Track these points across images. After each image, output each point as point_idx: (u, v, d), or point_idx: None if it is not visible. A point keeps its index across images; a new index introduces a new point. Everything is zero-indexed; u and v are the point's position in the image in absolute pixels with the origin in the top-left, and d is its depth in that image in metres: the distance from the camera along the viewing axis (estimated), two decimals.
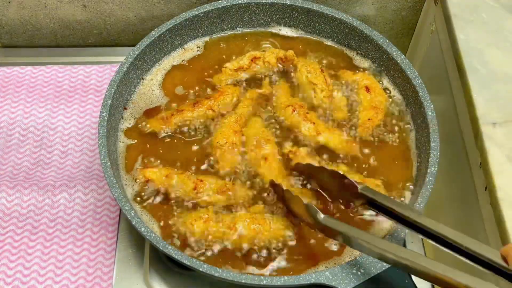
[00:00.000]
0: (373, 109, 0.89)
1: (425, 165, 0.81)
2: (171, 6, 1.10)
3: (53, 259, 0.86)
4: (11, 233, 0.88)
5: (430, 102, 0.85)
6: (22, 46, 1.18)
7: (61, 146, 0.98)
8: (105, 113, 0.84)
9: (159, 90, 0.93)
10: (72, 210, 0.90)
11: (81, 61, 1.10)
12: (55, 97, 1.03)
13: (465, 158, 0.89)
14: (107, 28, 1.15)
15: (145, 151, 0.86)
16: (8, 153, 0.97)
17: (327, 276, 0.72)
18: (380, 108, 0.89)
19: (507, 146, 0.81)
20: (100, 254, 0.87)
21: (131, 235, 0.89)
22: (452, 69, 0.94)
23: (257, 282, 0.71)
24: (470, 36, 0.93)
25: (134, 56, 0.90)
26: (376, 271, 0.72)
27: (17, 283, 0.84)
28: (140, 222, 0.75)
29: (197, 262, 0.72)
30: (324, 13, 0.95)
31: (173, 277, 0.84)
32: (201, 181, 0.81)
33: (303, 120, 0.87)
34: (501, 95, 0.86)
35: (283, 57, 0.93)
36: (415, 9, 1.13)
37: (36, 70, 1.07)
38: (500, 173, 0.78)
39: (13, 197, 0.91)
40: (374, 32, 0.93)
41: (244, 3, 0.96)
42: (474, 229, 0.85)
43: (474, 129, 0.85)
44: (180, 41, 0.97)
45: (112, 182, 0.77)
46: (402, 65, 0.90)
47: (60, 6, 1.09)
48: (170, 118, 0.88)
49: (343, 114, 0.90)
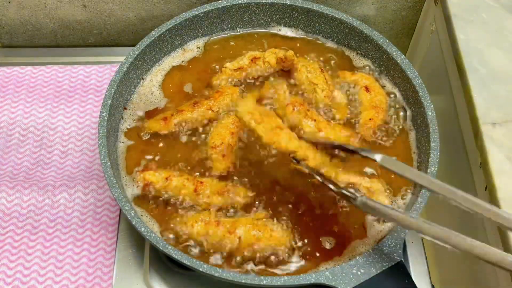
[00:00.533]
0: (374, 109, 0.89)
1: (425, 165, 0.81)
2: (171, 6, 1.10)
3: (53, 259, 0.86)
4: (11, 233, 0.88)
5: (430, 102, 0.85)
6: (22, 46, 1.18)
7: (61, 146, 0.98)
8: (105, 113, 0.84)
9: (159, 90, 0.93)
10: (72, 210, 0.90)
11: (81, 61, 1.10)
12: (55, 97, 1.03)
13: (465, 158, 0.89)
14: (107, 28, 1.15)
15: (145, 151, 0.86)
16: (8, 153, 0.97)
17: (327, 276, 0.72)
18: (381, 107, 0.89)
19: (507, 146, 0.81)
20: (100, 254, 0.87)
21: (131, 235, 0.89)
22: (452, 69, 0.94)
23: (257, 282, 0.71)
24: (470, 36, 0.93)
25: (134, 56, 0.90)
26: (376, 271, 0.72)
27: (17, 283, 0.84)
28: (140, 222, 0.75)
29: (197, 262, 0.72)
30: (324, 13, 0.95)
31: (173, 277, 0.84)
32: (201, 183, 0.81)
33: (304, 117, 0.87)
34: (501, 95, 0.86)
35: (283, 57, 0.93)
36: (415, 9, 1.13)
37: (36, 70, 1.07)
38: (500, 173, 0.78)
39: (13, 197, 0.91)
40: (374, 32, 0.93)
41: (244, 3, 0.96)
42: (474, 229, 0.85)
43: (474, 129, 0.85)
44: (180, 41, 0.97)
45: (112, 182, 0.77)
46: (402, 65, 0.90)
47: (60, 6, 1.09)
48: (170, 118, 0.88)
49: (344, 113, 0.90)
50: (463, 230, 0.66)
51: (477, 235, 0.83)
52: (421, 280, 0.85)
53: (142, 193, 0.82)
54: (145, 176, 0.82)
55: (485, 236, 0.81)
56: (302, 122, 0.87)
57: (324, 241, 0.79)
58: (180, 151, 0.86)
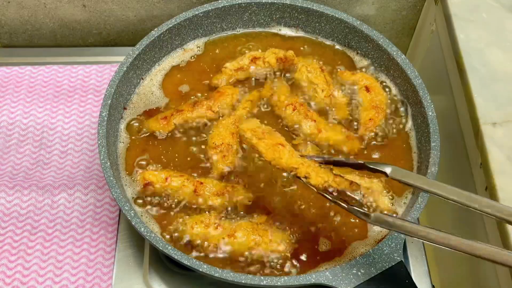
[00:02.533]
0: (374, 109, 0.89)
1: (425, 165, 0.81)
2: (171, 6, 1.10)
3: (52, 259, 0.86)
4: (11, 233, 0.88)
5: (430, 102, 0.85)
6: (21, 46, 1.18)
7: (60, 146, 0.98)
8: (104, 113, 0.83)
9: (159, 90, 0.93)
10: (71, 210, 0.90)
11: (80, 61, 1.09)
12: (55, 97, 1.03)
13: (465, 158, 0.89)
14: (107, 28, 1.15)
15: (145, 151, 0.86)
16: (7, 153, 0.97)
17: (327, 276, 0.72)
18: (381, 107, 0.89)
19: (507, 146, 0.81)
20: (100, 254, 0.86)
21: (131, 235, 0.88)
22: (452, 69, 0.94)
23: (257, 282, 0.71)
24: (470, 36, 0.93)
25: (134, 56, 0.90)
26: (376, 271, 0.72)
27: (17, 283, 0.84)
28: (140, 222, 0.75)
29: (197, 262, 0.72)
30: (324, 13, 0.95)
31: (173, 277, 0.84)
32: (201, 184, 0.81)
33: (304, 118, 0.87)
34: (501, 95, 0.86)
35: (283, 57, 0.93)
36: (415, 9, 1.13)
37: (36, 70, 1.06)
38: (500, 173, 0.78)
39: (12, 197, 0.91)
40: (374, 32, 0.93)
41: (244, 3, 0.96)
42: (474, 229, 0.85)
43: (474, 129, 0.85)
44: (180, 41, 0.97)
45: (112, 182, 0.77)
46: (402, 65, 0.90)
47: (60, 6, 1.09)
48: (169, 119, 0.87)
49: (345, 113, 0.90)
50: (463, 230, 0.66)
51: (477, 235, 0.83)
52: (421, 280, 0.85)
53: (142, 193, 0.82)
54: (145, 175, 0.82)
55: (485, 236, 0.81)
56: (302, 123, 0.87)
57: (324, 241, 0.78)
58: (180, 151, 0.86)
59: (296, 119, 0.87)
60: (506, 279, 0.76)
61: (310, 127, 0.86)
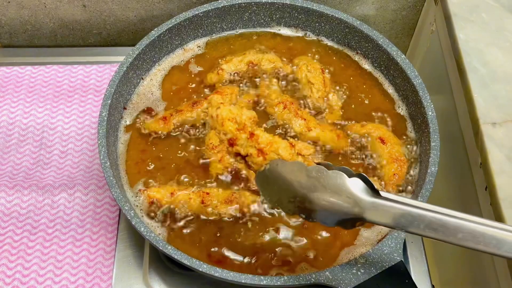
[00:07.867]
0: (396, 162, 0.84)
1: (425, 165, 0.81)
2: (171, 6, 1.10)
3: (52, 259, 0.86)
4: (11, 233, 0.88)
5: (430, 102, 0.85)
6: (21, 46, 1.18)
7: (60, 146, 0.98)
8: (104, 113, 0.84)
9: (159, 90, 0.93)
10: (71, 210, 0.90)
11: (80, 61, 1.09)
12: (55, 97, 1.03)
13: (465, 158, 0.89)
14: (107, 28, 1.15)
15: (145, 151, 0.86)
16: (7, 153, 0.97)
17: (327, 276, 0.72)
18: (401, 159, 0.85)
19: (507, 146, 0.81)
20: (100, 254, 0.86)
21: (131, 235, 0.89)
22: (452, 69, 0.94)
23: (257, 282, 0.71)
24: (470, 36, 0.93)
25: (134, 56, 0.90)
26: (376, 271, 0.72)
27: (17, 283, 0.84)
28: (140, 222, 0.75)
29: (197, 262, 0.72)
30: (324, 12, 0.95)
31: (173, 277, 0.84)
32: (207, 194, 0.80)
33: (294, 116, 0.87)
34: (501, 95, 0.86)
35: (280, 69, 0.93)
36: (415, 9, 1.13)
37: (36, 70, 1.06)
38: (500, 173, 0.78)
39: (12, 197, 0.91)
40: (374, 32, 0.93)
41: (244, 3, 0.96)
42: None
43: (474, 129, 0.85)
44: (179, 41, 0.97)
45: (112, 182, 0.77)
46: (402, 64, 0.90)
47: (60, 6, 1.09)
48: (169, 118, 0.88)
49: (337, 116, 0.89)
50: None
51: None
52: (421, 280, 0.85)
53: (149, 212, 0.81)
54: (149, 194, 0.81)
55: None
56: (292, 121, 0.87)
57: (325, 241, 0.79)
58: (179, 151, 0.86)
59: (287, 117, 0.87)
60: (506, 279, 0.76)
61: (300, 125, 0.86)
